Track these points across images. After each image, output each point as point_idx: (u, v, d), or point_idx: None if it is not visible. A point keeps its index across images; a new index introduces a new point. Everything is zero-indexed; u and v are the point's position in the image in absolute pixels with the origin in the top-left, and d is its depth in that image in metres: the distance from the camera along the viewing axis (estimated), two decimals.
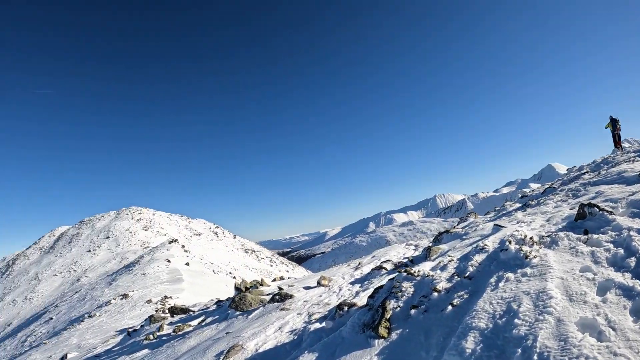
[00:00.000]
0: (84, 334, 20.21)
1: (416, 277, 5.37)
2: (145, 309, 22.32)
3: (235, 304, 9.24)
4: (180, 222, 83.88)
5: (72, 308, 32.46)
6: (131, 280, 33.27)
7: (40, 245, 76.45)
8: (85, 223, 78.48)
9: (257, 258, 74.72)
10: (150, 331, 12.50)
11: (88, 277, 51.25)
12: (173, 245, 46.15)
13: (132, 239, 65.85)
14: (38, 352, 19.79)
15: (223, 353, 6.05)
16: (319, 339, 5.37)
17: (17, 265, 69.89)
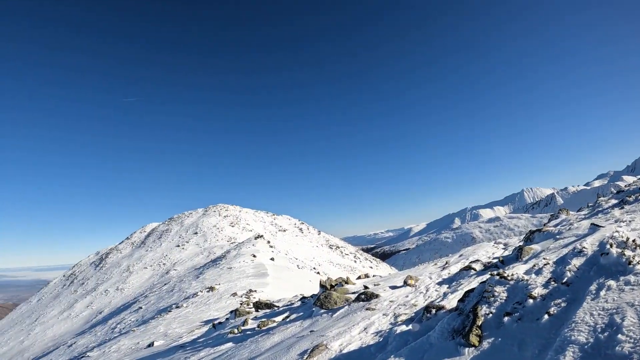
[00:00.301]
0: (171, 323, 21.37)
1: (509, 281, 5.16)
2: (230, 301, 23.16)
3: (320, 301, 9.36)
4: (265, 218, 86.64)
5: (160, 299, 34.35)
6: (217, 273, 34.73)
7: (132, 240, 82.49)
8: (175, 220, 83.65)
9: (341, 254, 75.24)
10: (235, 325, 12.97)
11: (176, 270, 54.12)
12: (259, 240, 47.55)
13: (219, 235, 68.91)
14: (127, 339, 21.20)
15: (307, 352, 6.17)
16: (405, 342, 5.34)
17: (110, 259, 75.70)
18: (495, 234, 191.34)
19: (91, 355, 20.96)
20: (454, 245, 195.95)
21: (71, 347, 31.36)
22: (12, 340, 54.05)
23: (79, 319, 51.63)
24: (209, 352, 9.98)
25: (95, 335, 31.67)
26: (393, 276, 12.28)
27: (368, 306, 8.03)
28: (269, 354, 7.08)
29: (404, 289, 9.14)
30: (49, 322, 56.00)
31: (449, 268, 10.48)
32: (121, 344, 20.44)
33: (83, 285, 68.71)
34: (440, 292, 8.04)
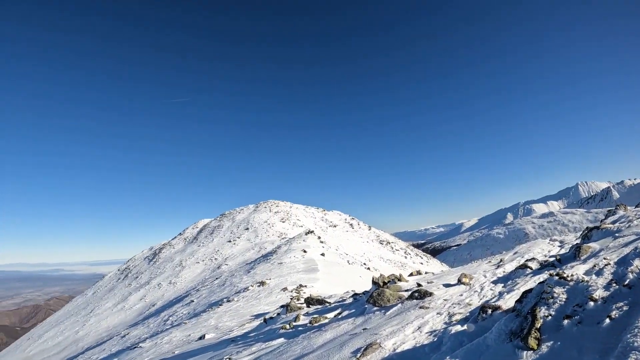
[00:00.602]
0: (222, 316, 21.84)
1: (569, 281, 5.07)
2: (281, 296, 23.46)
3: (372, 299, 9.40)
4: (316, 214, 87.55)
5: (212, 293, 35.13)
6: (268, 268, 35.25)
7: (184, 236, 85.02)
8: (226, 216, 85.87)
9: (391, 249, 75.02)
10: (286, 320, 13.15)
11: (228, 265, 55.25)
12: (309, 236, 47.97)
13: (270, 230, 70.05)
14: (178, 331, 21.80)
15: (360, 350, 6.24)
16: (460, 343, 5.35)
17: (163, 254, 78.11)
18: (549, 229, 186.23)
19: (143, 345, 21.66)
20: (506, 241, 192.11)
21: (124, 337, 32.52)
22: (67, 330, 56.35)
23: (132, 311, 53.38)
24: (260, 347, 10.16)
25: (147, 327, 32.68)
26: (446, 273, 12.15)
27: (422, 304, 8.00)
28: (321, 351, 7.15)
29: (458, 287, 9.07)
30: (104, 313, 58.09)
31: (504, 266, 10.33)
32: (173, 335, 21.06)
33: (137, 279, 71.10)
34: (495, 292, 7.95)
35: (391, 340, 6.30)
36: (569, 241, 12.22)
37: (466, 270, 10.67)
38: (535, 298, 5.12)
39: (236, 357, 9.58)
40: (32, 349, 54.95)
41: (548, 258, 9.76)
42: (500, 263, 10.99)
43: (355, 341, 6.90)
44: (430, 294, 8.57)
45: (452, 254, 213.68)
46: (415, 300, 8.56)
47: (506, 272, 9.40)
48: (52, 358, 44.39)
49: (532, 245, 13.07)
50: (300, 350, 7.88)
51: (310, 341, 8.33)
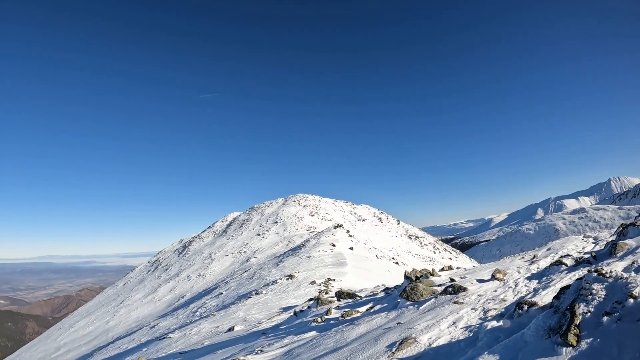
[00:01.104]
0: (250, 309, 22.08)
1: (608, 278, 5.04)
2: (309, 289, 23.63)
3: (406, 293, 9.42)
4: (345, 208, 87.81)
5: (240, 285, 35.51)
6: (297, 262, 35.50)
7: (214, 229, 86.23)
8: (255, 209, 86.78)
9: (420, 244, 74.78)
10: (317, 314, 13.24)
11: (257, 258, 55.78)
12: (338, 230, 48.12)
13: (298, 224, 70.54)
14: (207, 322, 22.15)
15: (395, 344, 6.28)
16: (496, 339, 5.36)
17: (192, 246, 79.25)
18: (580, 226, 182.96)
19: (172, 336, 22.05)
20: (536, 237, 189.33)
21: (154, 328, 33.15)
22: (98, 321, 57.54)
23: (161, 303, 54.23)
24: (292, 339, 10.24)
25: (177, 318, 33.23)
26: (479, 269, 12.12)
27: (456, 300, 8.00)
28: (355, 344, 7.20)
29: (491, 282, 9.04)
30: (134, 304, 59.12)
31: (538, 262, 10.27)
32: (201, 327, 21.41)
33: (167, 271, 72.23)
34: (530, 288, 7.93)
35: (426, 335, 6.33)
36: (604, 238, 12.09)
37: (499, 266, 10.62)
38: (573, 294, 5.09)
39: (268, 349, 9.70)
40: (63, 338, 56.28)
41: (583, 255, 9.69)
42: (533, 259, 10.92)
43: (390, 335, 6.93)
44: (464, 289, 8.56)
45: (481, 250, 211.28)
46: (449, 295, 8.56)
47: (540, 269, 9.35)
48: (82, 347, 45.37)
49: (566, 242, 12.96)
50: (334, 343, 7.92)
51: (343, 334, 8.38)
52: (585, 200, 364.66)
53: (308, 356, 7.52)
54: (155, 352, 19.33)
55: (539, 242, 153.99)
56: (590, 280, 5.11)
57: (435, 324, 6.74)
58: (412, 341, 6.16)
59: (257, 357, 9.00)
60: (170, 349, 18.40)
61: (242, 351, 10.71)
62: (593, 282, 5.03)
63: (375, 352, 6.33)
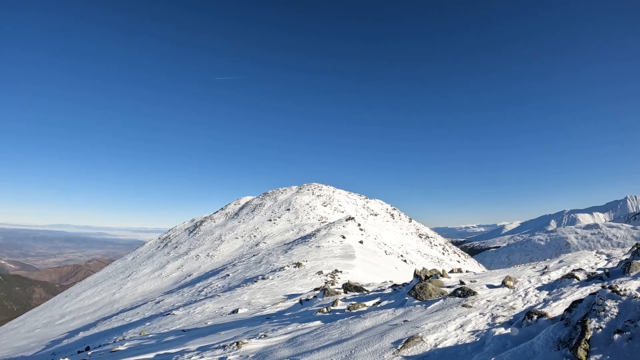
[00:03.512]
0: (255, 293, 22.29)
1: (621, 296, 4.99)
2: (315, 279, 23.76)
3: (414, 291, 9.41)
4: (358, 201, 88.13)
5: (247, 269, 35.78)
6: (306, 251, 35.67)
7: (226, 211, 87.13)
8: (269, 195, 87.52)
9: (430, 244, 74.91)
10: (323, 304, 13.28)
11: (266, 244, 56.12)
12: (349, 222, 48.30)
13: (310, 213, 70.95)
14: (212, 303, 22.44)
15: (401, 342, 6.28)
16: (503, 346, 5.36)
17: (204, 226, 80.00)
18: (592, 242, 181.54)
19: (176, 313, 22.32)
20: (546, 248, 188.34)
21: (159, 303, 33.58)
22: (104, 292, 58.34)
23: (168, 279, 54.83)
24: (296, 327, 10.26)
25: (182, 296, 33.62)
26: (489, 274, 12.07)
27: (464, 303, 7.99)
28: (360, 338, 7.20)
29: (501, 289, 8.99)
30: (141, 279, 59.83)
31: (549, 273, 10.19)
32: (206, 306, 21.65)
33: (176, 248, 72.92)
34: (540, 298, 7.87)
35: (433, 335, 6.32)
36: (617, 255, 11.99)
37: (510, 273, 10.54)
38: (585, 309, 5.06)
39: (271, 335, 9.73)
40: (68, 306, 57.10)
41: (595, 270, 9.60)
42: (545, 270, 10.85)
43: (396, 332, 6.92)
44: (474, 293, 8.52)
45: (490, 256, 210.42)
46: (457, 297, 8.53)
47: (551, 280, 9.28)
48: (87, 317, 46.05)
49: (578, 256, 12.86)
50: (339, 335, 7.93)
51: (348, 327, 8.39)
52: (599, 216, 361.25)
53: (312, 345, 7.53)
54: (158, 327, 19.56)
55: (549, 254, 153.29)
56: (604, 296, 5.06)
57: (443, 325, 6.73)
58: (418, 340, 6.16)
59: (260, 341, 9.04)
60: (173, 325, 18.61)
61: (245, 334, 10.76)
62: (607, 299, 4.98)
63: (381, 347, 6.32)
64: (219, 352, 8.71)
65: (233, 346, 8.71)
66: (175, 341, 12.55)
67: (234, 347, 8.64)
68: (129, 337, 18.03)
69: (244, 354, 8.06)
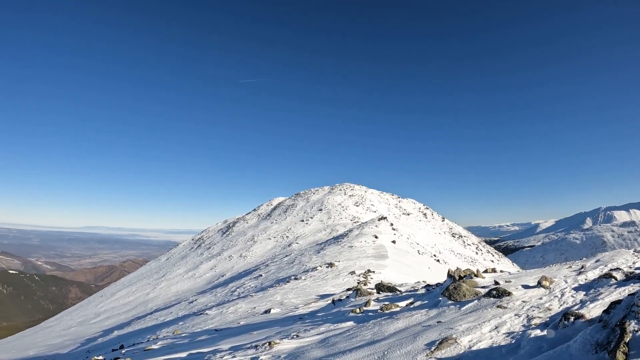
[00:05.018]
0: (288, 293, 22.42)
1: None
2: (348, 279, 23.76)
3: (448, 292, 9.30)
4: (390, 200, 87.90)
5: (280, 269, 35.98)
6: (338, 251, 35.74)
7: (258, 212, 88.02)
8: (301, 195, 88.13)
9: (463, 244, 74.15)
10: (356, 304, 13.26)
11: (298, 244, 56.41)
12: (382, 222, 48.18)
13: (343, 213, 71.10)
14: (244, 302, 22.65)
15: (435, 343, 6.23)
16: (539, 349, 5.26)
17: (236, 227, 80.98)
18: (629, 240, 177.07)
19: (209, 313, 22.60)
20: (582, 247, 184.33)
21: (192, 303, 34.07)
22: (138, 292, 59.38)
23: (201, 280, 55.51)
24: (329, 327, 10.26)
25: (215, 296, 34.03)
26: (524, 274, 11.85)
27: (499, 303, 7.85)
28: (393, 339, 7.16)
29: (537, 289, 8.79)
30: (174, 279, 60.69)
31: (586, 273, 9.94)
32: (238, 306, 21.87)
33: (209, 249, 73.84)
34: (576, 299, 7.68)
35: (467, 337, 6.24)
36: None
37: (546, 273, 10.31)
38: (624, 310, 4.93)
39: (303, 335, 9.76)
40: (103, 306, 58.38)
41: (633, 270, 9.36)
42: (581, 269, 10.59)
43: (429, 333, 6.86)
44: (509, 293, 8.36)
45: (524, 255, 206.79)
46: (492, 298, 8.37)
47: (588, 280, 9.06)
48: (121, 316, 46.94)
49: (616, 255, 12.57)
50: (371, 336, 7.89)
51: (381, 328, 8.34)
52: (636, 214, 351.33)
53: (344, 346, 7.53)
54: (191, 326, 19.84)
55: (585, 253, 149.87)
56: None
57: (477, 327, 6.64)
58: (452, 342, 6.09)
59: (292, 341, 9.08)
60: (206, 325, 18.84)
61: (277, 334, 10.83)
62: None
63: (414, 349, 6.28)
64: (251, 351, 8.79)
65: (265, 346, 8.79)
66: (208, 340, 12.70)
67: (266, 347, 8.71)
68: (162, 336, 18.34)
69: (276, 354, 8.11)
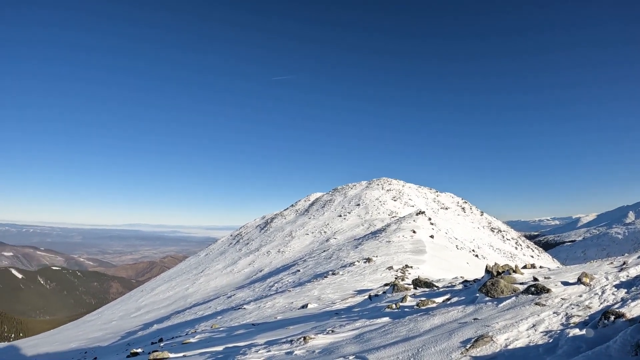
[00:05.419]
0: (325, 288, 22.50)
1: None
2: (385, 274, 23.73)
3: (485, 288, 9.14)
4: (428, 194, 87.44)
5: (318, 264, 36.15)
6: (376, 246, 35.73)
7: (296, 207, 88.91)
8: (338, 191, 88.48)
9: (502, 238, 73.11)
10: (392, 300, 13.23)
11: (336, 239, 56.67)
12: (420, 217, 47.87)
13: (380, 208, 71.08)
14: (282, 297, 22.91)
15: (470, 341, 6.12)
16: (577, 349, 5.10)
17: (274, 223, 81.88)
18: None
19: (247, 307, 22.91)
20: (624, 242, 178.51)
21: (230, 298, 34.57)
22: (178, 287, 60.60)
23: (240, 275, 56.23)
24: (364, 323, 10.23)
25: (253, 291, 34.45)
26: (564, 270, 11.57)
27: (538, 301, 7.65)
28: (428, 336, 7.09)
29: (577, 287, 8.53)
30: (213, 274, 61.65)
31: (628, 270, 9.56)
32: (276, 301, 22.09)
33: (247, 245, 74.76)
34: (617, 297, 7.40)
35: (504, 335, 6.12)
36: None
37: (586, 270, 10.02)
38: None
39: (339, 330, 9.77)
40: (144, 300, 59.75)
41: None
42: (623, 266, 10.20)
43: (465, 331, 6.77)
44: (548, 290, 8.15)
45: (564, 251, 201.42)
46: (530, 295, 8.18)
47: (630, 277, 8.71)
48: (161, 310, 48.00)
49: None
50: (406, 332, 7.82)
51: (417, 324, 8.28)
52: None
53: (379, 342, 7.50)
54: (229, 320, 20.13)
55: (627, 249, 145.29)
56: None
57: (514, 325, 6.51)
58: (488, 340, 5.97)
59: (327, 336, 9.11)
60: (243, 319, 19.08)
61: (313, 329, 10.86)
62: None
63: (449, 346, 6.19)
64: (286, 346, 8.84)
65: (300, 341, 8.84)
66: (245, 334, 12.85)
67: (300, 342, 8.76)
68: (200, 330, 18.67)
69: (310, 348, 8.15)
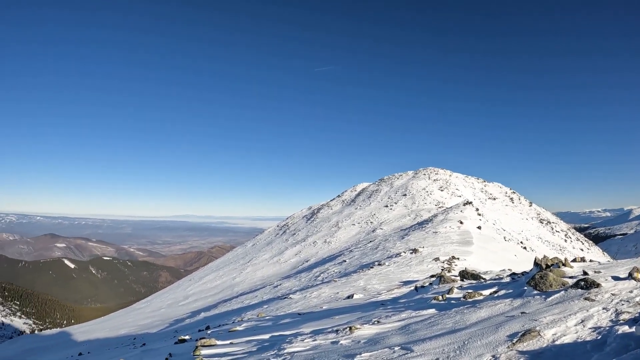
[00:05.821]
0: (371, 279, 22.62)
1: None
2: (432, 266, 23.66)
3: (534, 281, 8.99)
4: (475, 184, 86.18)
5: (364, 255, 36.27)
6: (422, 237, 35.58)
7: (342, 198, 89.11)
8: (385, 181, 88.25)
9: (551, 230, 71.51)
10: (439, 291, 13.19)
11: (382, 230, 56.66)
12: (467, 207, 47.32)
13: (427, 198, 70.75)
14: (328, 287, 23.17)
15: (517, 335, 6.08)
16: (626, 347, 4.99)
17: (321, 214, 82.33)
18: None
19: (293, 297, 23.21)
20: None
21: (276, 287, 35.07)
22: (225, 276, 61.76)
23: (286, 265, 56.88)
24: (410, 314, 10.24)
25: (299, 281, 34.84)
26: (615, 265, 11.24)
27: (587, 295, 7.48)
28: (474, 329, 7.06)
29: (628, 282, 8.25)
30: (260, 264, 62.53)
31: None
32: (322, 291, 22.30)
33: (294, 235, 75.52)
34: None
35: (551, 330, 6.05)
36: None
37: (638, 264, 9.72)
38: None
39: (384, 321, 9.81)
40: (192, 289, 61.23)
41: None
42: None
43: (512, 324, 6.71)
44: (598, 285, 7.94)
45: (615, 244, 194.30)
46: (580, 289, 7.98)
47: None
48: (208, 298, 49.14)
49: None
50: (452, 324, 7.81)
51: (463, 316, 8.24)
52: None
53: (424, 334, 7.52)
54: (275, 310, 20.44)
55: None
56: None
57: (562, 320, 6.41)
58: (535, 334, 5.91)
59: (373, 327, 9.17)
60: (289, 308, 19.35)
61: (358, 319, 10.94)
62: None
63: (495, 340, 6.16)
64: (332, 335, 8.96)
65: (346, 331, 8.94)
66: (291, 324, 13.04)
67: (346, 332, 8.86)
68: (247, 319, 19.04)
69: (355, 339, 8.23)
